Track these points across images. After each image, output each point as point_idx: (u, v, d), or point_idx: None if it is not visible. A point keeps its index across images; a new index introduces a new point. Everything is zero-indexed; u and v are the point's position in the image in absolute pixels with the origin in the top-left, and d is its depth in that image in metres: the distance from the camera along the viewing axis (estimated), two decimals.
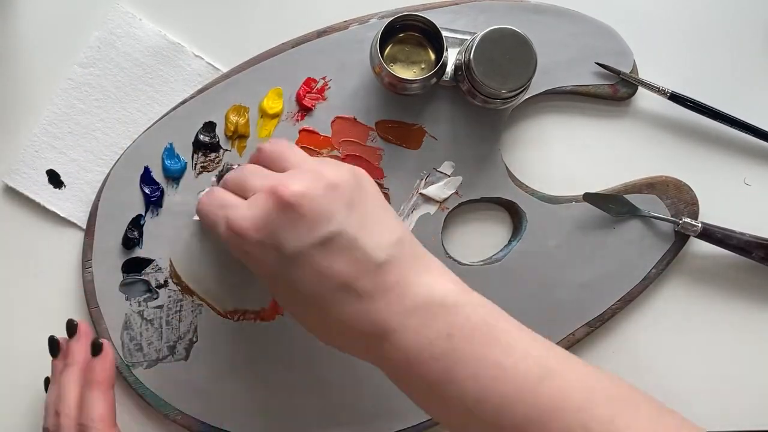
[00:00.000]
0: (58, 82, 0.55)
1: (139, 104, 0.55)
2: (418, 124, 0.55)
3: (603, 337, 0.57)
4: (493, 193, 0.55)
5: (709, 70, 0.58)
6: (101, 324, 0.54)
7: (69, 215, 0.55)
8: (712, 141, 0.58)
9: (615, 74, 0.56)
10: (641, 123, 0.58)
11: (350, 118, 0.55)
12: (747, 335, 0.58)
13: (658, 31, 0.58)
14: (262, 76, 0.54)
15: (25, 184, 0.54)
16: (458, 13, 0.55)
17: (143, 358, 0.54)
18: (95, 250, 0.54)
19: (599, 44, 0.56)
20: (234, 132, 0.54)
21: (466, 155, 0.55)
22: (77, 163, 0.55)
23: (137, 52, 0.55)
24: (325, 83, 0.55)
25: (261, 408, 0.54)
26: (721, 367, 0.58)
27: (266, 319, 0.54)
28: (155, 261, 0.54)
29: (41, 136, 0.55)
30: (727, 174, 0.58)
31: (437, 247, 0.55)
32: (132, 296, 0.54)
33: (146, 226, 0.54)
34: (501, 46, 0.50)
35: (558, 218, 0.55)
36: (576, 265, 0.55)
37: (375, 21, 0.55)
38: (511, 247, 0.55)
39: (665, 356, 0.57)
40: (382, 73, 0.52)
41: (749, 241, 0.55)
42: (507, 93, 0.51)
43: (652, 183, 0.56)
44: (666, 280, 0.57)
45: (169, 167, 0.54)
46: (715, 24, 0.58)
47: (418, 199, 0.55)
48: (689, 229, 0.55)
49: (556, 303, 0.55)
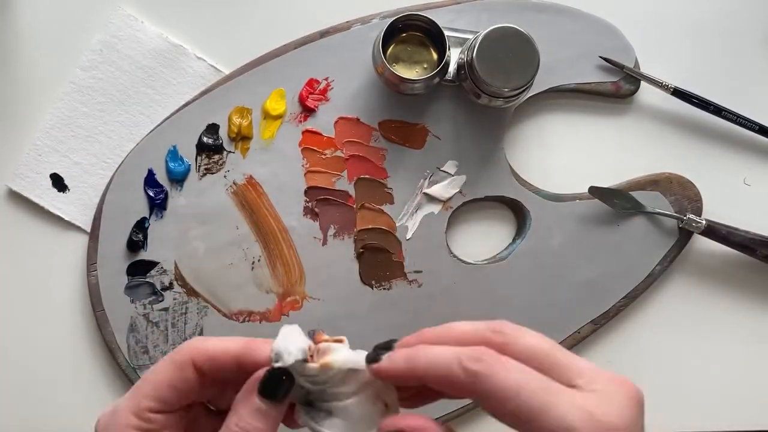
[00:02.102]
0: (60, 85, 0.55)
1: (142, 107, 0.55)
2: (421, 124, 0.55)
3: (608, 335, 0.57)
4: (496, 191, 0.55)
5: (710, 69, 0.58)
6: (107, 327, 0.54)
7: (73, 219, 0.55)
8: (715, 138, 0.58)
9: (618, 69, 0.55)
10: (644, 120, 0.57)
11: (353, 119, 0.55)
12: (750, 332, 0.58)
13: (660, 28, 0.58)
14: (265, 77, 0.54)
15: (29, 188, 0.55)
16: (460, 12, 0.55)
17: (149, 360, 0.54)
18: (100, 254, 0.54)
19: (601, 41, 0.56)
20: (237, 134, 0.54)
21: (469, 154, 0.55)
22: (81, 167, 0.55)
23: (139, 54, 0.55)
24: (327, 84, 0.54)
25: None
26: (724, 365, 0.58)
27: (271, 320, 0.54)
28: (160, 263, 0.54)
29: (44, 140, 0.55)
30: (730, 170, 0.58)
31: (441, 246, 0.55)
32: (137, 299, 0.54)
33: (150, 228, 0.54)
34: (503, 44, 0.50)
35: (562, 216, 0.55)
36: (580, 263, 0.55)
37: (377, 21, 0.55)
38: (516, 246, 0.55)
39: (669, 353, 0.57)
40: (384, 73, 0.52)
41: (753, 239, 0.55)
42: (510, 91, 0.51)
43: (656, 180, 0.56)
44: (670, 277, 0.57)
45: (173, 169, 0.54)
46: (716, 22, 0.58)
47: (422, 199, 0.55)
48: (693, 226, 0.55)
49: (561, 301, 0.55)
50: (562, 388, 0.32)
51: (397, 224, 0.55)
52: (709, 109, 0.56)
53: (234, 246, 0.54)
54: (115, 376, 0.55)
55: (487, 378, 0.31)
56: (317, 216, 0.54)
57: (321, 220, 0.54)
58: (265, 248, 0.54)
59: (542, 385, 0.32)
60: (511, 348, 0.33)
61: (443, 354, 0.32)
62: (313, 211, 0.54)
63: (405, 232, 0.55)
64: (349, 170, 0.54)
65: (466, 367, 0.32)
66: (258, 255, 0.54)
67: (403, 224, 0.55)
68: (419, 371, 0.33)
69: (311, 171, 0.54)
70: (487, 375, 0.32)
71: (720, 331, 0.58)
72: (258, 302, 0.54)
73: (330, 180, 0.54)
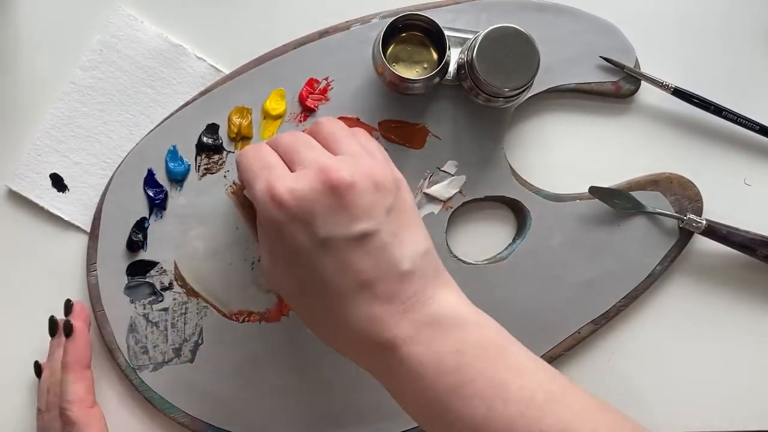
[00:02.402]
0: (60, 85, 0.55)
1: (142, 107, 0.55)
2: (421, 124, 0.55)
3: (608, 335, 0.57)
4: (497, 191, 0.55)
5: (710, 69, 0.58)
6: (106, 327, 0.54)
7: (73, 219, 0.55)
8: (715, 138, 0.58)
9: (619, 69, 0.55)
10: (644, 120, 0.57)
11: (353, 119, 0.54)
12: (750, 332, 0.58)
13: (660, 28, 0.57)
14: (265, 77, 0.54)
15: (28, 188, 0.54)
16: (460, 11, 0.55)
17: (149, 360, 0.54)
18: (100, 254, 0.54)
19: (602, 41, 0.56)
20: (237, 134, 0.54)
21: (469, 154, 0.55)
22: (80, 167, 0.55)
23: (139, 54, 0.55)
24: (327, 84, 0.54)
25: (266, 409, 0.54)
26: (725, 365, 0.58)
27: (271, 320, 0.54)
28: (160, 263, 0.54)
29: (44, 140, 0.55)
30: (731, 170, 0.58)
31: (441, 246, 0.55)
32: (137, 299, 0.54)
33: (150, 228, 0.54)
34: (503, 44, 0.50)
35: (562, 216, 0.55)
36: (580, 263, 0.55)
37: (377, 21, 0.55)
38: (516, 246, 0.55)
39: (670, 353, 0.57)
40: (384, 72, 0.52)
41: (753, 239, 0.55)
42: (510, 91, 0.51)
43: (656, 180, 0.56)
44: (670, 277, 0.57)
45: (173, 170, 0.54)
46: (717, 21, 0.58)
47: (422, 199, 0.55)
48: (694, 226, 0.55)
49: (561, 301, 0.55)
50: (280, 170, 0.43)
51: None
52: (710, 109, 0.56)
53: (234, 246, 0.54)
54: (115, 376, 0.55)
55: (238, 161, 0.46)
56: None
57: None
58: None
59: (262, 165, 0.44)
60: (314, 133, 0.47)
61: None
62: None
63: None
64: None
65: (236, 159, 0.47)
66: (258, 255, 0.54)
67: None
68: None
69: None
70: (237, 160, 0.46)
71: (720, 331, 0.58)
72: (258, 302, 0.54)
73: None
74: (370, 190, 0.42)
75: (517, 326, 0.55)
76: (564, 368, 0.56)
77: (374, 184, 0.42)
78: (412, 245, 0.43)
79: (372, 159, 0.44)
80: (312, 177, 0.42)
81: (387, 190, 0.43)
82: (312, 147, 0.45)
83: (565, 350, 0.55)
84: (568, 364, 0.57)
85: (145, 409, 0.55)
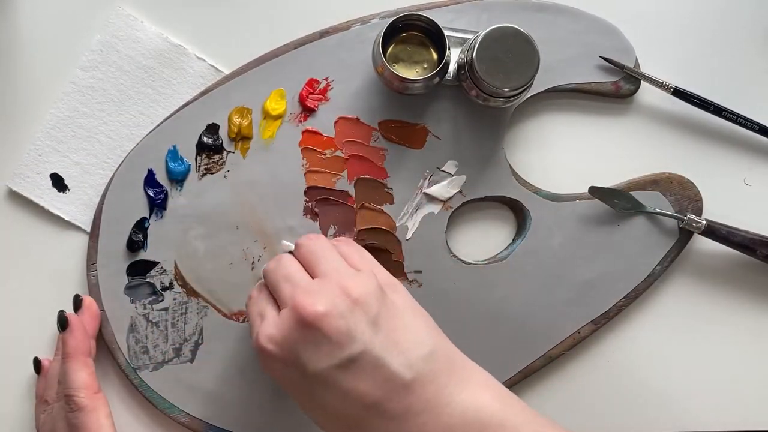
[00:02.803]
0: (60, 85, 0.55)
1: (142, 107, 0.55)
2: (421, 124, 0.55)
3: (608, 335, 0.57)
4: (497, 191, 0.55)
5: (710, 69, 0.58)
6: (107, 327, 0.54)
7: (73, 219, 0.55)
8: (715, 138, 0.58)
9: (619, 68, 0.55)
10: (644, 120, 0.57)
11: (353, 119, 0.55)
12: (750, 333, 0.58)
13: (660, 28, 0.58)
14: (265, 77, 0.54)
15: (29, 188, 0.55)
16: (460, 12, 0.55)
17: (149, 360, 0.54)
18: (100, 254, 0.54)
19: (601, 41, 0.56)
20: (237, 134, 0.54)
21: (469, 154, 0.55)
22: (81, 167, 0.55)
23: (139, 54, 0.55)
24: (327, 84, 0.55)
25: (267, 409, 0.54)
26: (724, 365, 0.58)
27: None
28: (160, 263, 0.54)
29: (44, 140, 0.55)
30: (731, 171, 0.58)
31: (441, 246, 0.55)
32: (137, 299, 0.54)
33: (150, 228, 0.54)
34: (503, 44, 0.50)
35: (562, 216, 0.55)
36: (580, 263, 0.55)
37: (377, 21, 0.55)
38: (516, 246, 0.55)
39: (669, 352, 0.57)
40: (384, 73, 0.52)
41: (753, 239, 0.55)
42: (510, 91, 0.51)
43: (656, 180, 0.56)
44: (670, 277, 0.57)
45: (173, 170, 0.54)
46: (716, 21, 0.58)
47: (422, 199, 0.55)
48: (694, 226, 0.55)
49: (561, 301, 0.55)
50: (269, 315, 0.43)
51: (397, 224, 0.55)
52: (710, 109, 0.56)
53: (234, 246, 0.54)
54: (115, 376, 0.55)
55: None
56: (317, 216, 0.54)
57: (321, 220, 0.55)
58: (265, 248, 0.54)
59: (256, 312, 0.45)
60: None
61: None
62: (313, 211, 0.54)
63: (405, 232, 0.55)
64: (349, 170, 0.54)
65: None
66: (258, 255, 0.54)
67: (403, 224, 0.55)
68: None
69: (311, 171, 0.54)
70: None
71: (720, 331, 0.58)
72: None
73: (330, 180, 0.54)
74: (345, 311, 0.41)
75: (517, 326, 0.55)
76: (564, 368, 0.57)
77: (351, 302, 0.41)
78: (412, 350, 0.41)
79: (349, 273, 0.44)
80: (288, 317, 0.42)
81: (367, 303, 0.42)
82: (288, 278, 0.44)
83: (565, 350, 0.55)
84: (568, 364, 0.57)
85: (145, 408, 0.55)
